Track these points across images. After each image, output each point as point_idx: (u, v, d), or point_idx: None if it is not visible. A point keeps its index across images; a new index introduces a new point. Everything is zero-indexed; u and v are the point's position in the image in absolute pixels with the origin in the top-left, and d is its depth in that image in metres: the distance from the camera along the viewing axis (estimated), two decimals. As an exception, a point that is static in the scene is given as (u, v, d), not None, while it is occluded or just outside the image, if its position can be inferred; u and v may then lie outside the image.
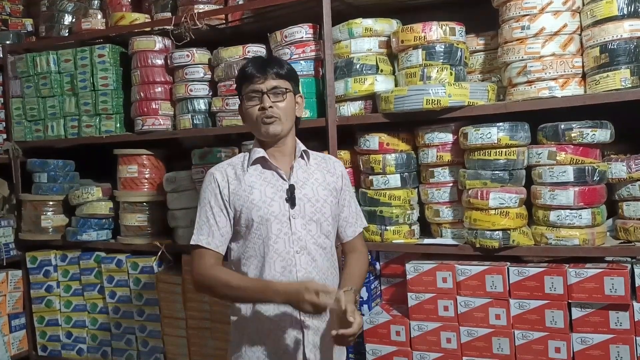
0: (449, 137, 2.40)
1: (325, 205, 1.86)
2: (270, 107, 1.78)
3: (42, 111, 3.24)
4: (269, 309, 1.80)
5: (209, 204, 1.83)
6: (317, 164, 1.93)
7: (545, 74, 2.23)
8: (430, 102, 2.26)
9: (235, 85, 1.95)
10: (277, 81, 1.81)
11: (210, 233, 1.81)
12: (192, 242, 1.83)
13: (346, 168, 2.22)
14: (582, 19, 2.24)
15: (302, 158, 1.89)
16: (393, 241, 2.47)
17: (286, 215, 1.80)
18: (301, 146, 1.90)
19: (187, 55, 2.85)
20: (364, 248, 2.01)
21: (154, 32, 3.00)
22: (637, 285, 2.07)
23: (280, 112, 1.80)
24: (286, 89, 1.82)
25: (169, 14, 3.02)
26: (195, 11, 2.80)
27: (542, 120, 2.26)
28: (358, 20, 2.51)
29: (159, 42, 2.96)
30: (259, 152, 1.85)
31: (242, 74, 1.84)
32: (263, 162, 1.86)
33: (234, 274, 1.80)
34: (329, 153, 2.39)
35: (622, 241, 2.22)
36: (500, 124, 2.22)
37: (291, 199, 1.81)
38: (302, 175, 1.87)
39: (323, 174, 1.91)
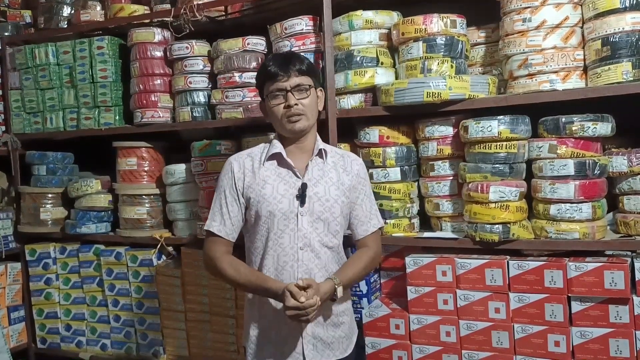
0: (449, 130, 2.39)
1: (335, 205, 1.87)
2: (296, 104, 1.80)
3: (41, 103, 3.23)
4: (271, 302, 1.84)
5: (224, 193, 1.89)
6: (334, 162, 1.93)
7: (547, 66, 2.22)
8: (431, 94, 2.25)
9: (256, 83, 1.94)
10: (300, 78, 1.82)
11: (222, 221, 1.88)
12: (205, 227, 1.91)
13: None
14: (584, 12, 2.23)
15: (320, 156, 1.90)
16: (393, 234, 2.47)
17: (294, 212, 1.82)
18: (320, 144, 1.91)
19: (187, 47, 2.84)
20: (374, 245, 1.97)
21: (153, 24, 2.99)
22: (637, 279, 2.07)
23: (305, 108, 1.82)
24: (309, 85, 1.84)
25: (168, 6, 3.00)
26: (195, 3, 2.78)
27: (543, 113, 2.25)
28: (358, 12, 2.50)
29: (158, 34, 2.95)
30: (277, 148, 1.87)
31: (265, 73, 1.85)
32: (279, 159, 1.87)
33: (239, 270, 1.84)
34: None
35: (622, 235, 2.22)
36: (501, 117, 2.21)
37: (301, 197, 1.82)
38: (317, 173, 1.88)
39: (338, 173, 1.91)
